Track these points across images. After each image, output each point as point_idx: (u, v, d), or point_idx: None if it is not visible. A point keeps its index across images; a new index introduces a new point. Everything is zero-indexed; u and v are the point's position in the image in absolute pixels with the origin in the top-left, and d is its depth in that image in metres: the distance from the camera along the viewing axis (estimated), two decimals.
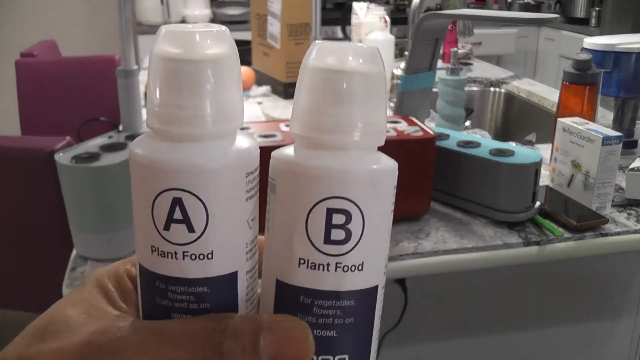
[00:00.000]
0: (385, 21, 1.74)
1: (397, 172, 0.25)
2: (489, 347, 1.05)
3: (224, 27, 0.24)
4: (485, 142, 0.91)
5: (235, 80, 0.24)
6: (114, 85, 0.83)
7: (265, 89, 1.63)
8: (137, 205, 0.24)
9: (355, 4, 1.81)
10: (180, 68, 0.23)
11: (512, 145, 0.92)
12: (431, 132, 0.84)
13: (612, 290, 1.06)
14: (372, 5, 1.79)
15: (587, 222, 0.86)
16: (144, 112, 0.87)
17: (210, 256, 0.24)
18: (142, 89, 1.10)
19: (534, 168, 0.84)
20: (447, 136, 0.94)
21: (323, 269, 0.24)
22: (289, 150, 0.25)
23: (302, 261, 0.24)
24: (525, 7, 3.71)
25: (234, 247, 0.24)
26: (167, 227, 0.23)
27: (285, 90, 1.58)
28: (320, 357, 0.24)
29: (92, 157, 0.74)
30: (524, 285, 1.02)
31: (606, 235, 0.86)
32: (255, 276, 0.26)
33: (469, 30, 1.52)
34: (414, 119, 0.91)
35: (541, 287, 1.03)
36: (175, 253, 0.24)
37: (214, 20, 3.28)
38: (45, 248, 1.33)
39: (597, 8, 3.35)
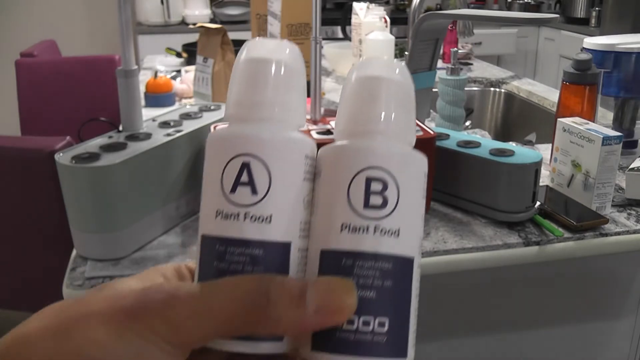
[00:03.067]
0: (385, 21, 1.74)
1: (426, 163, 0.28)
2: (488, 347, 1.05)
3: (297, 47, 0.30)
4: (485, 142, 0.91)
5: (300, 85, 0.29)
6: (114, 85, 0.82)
7: None
8: (208, 175, 0.28)
9: (355, 4, 1.81)
10: (258, 66, 0.28)
11: (512, 145, 0.92)
12: (431, 132, 0.84)
13: (612, 290, 1.06)
14: (372, 5, 1.79)
15: (587, 222, 0.86)
16: (144, 112, 0.87)
17: (268, 220, 0.26)
18: (142, 89, 1.10)
19: (534, 168, 0.84)
20: (447, 136, 0.94)
21: (363, 232, 0.26)
22: (332, 144, 0.29)
23: (344, 226, 0.26)
24: (525, 7, 3.71)
25: (290, 218, 0.27)
26: (233, 190, 0.27)
27: None
28: (361, 318, 0.26)
29: (92, 157, 0.74)
30: (524, 285, 1.02)
31: (606, 235, 0.86)
32: (305, 259, 0.28)
33: (469, 30, 1.52)
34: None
35: (541, 287, 1.03)
36: (238, 214, 0.26)
37: (213, 20, 3.28)
38: (45, 248, 1.33)
39: (597, 8, 3.35)
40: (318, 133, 0.83)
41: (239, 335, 0.25)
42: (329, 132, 0.83)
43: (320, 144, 0.29)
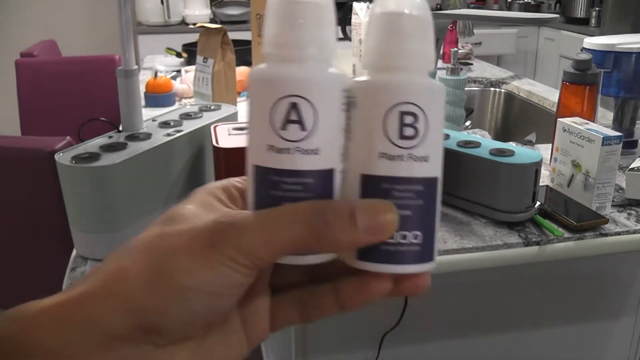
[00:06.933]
0: None
1: (444, 91, 0.32)
2: (488, 347, 1.05)
3: None
4: (485, 142, 0.91)
5: (332, 22, 0.32)
6: (114, 85, 0.82)
7: None
8: (255, 114, 0.31)
9: (355, 4, 1.81)
10: (295, 7, 0.30)
11: (512, 145, 0.92)
12: None
13: (612, 290, 1.06)
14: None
15: (587, 222, 0.86)
16: (144, 112, 0.87)
17: (316, 152, 0.30)
18: (142, 89, 1.10)
19: (534, 168, 0.84)
20: (447, 136, 0.94)
21: (398, 160, 0.30)
22: (365, 77, 0.32)
23: (381, 154, 0.30)
24: (525, 7, 3.71)
25: (333, 147, 0.31)
26: (283, 127, 0.30)
27: None
28: (399, 232, 0.30)
29: (92, 157, 0.74)
30: (524, 285, 1.02)
31: (606, 235, 0.86)
32: (343, 179, 0.31)
33: (469, 30, 1.52)
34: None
35: (541, 287, 1.03)
36: (289, 149, 0.30)
37: (213, 20, 3.28)
38: (45, 248, 1.33)
39: (597, 8, 3.35)
40: None
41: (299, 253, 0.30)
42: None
43: None
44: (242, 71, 1.61)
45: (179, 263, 0.27)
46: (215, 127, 0.85)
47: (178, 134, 0.83)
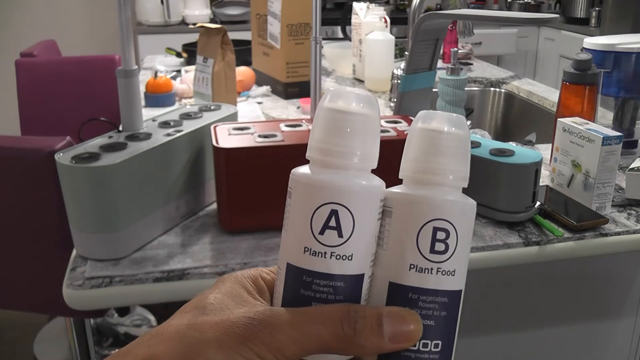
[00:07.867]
0: (385, 21, 1.74)
1: (475, 208, 0.33)
2: (488, 347, 1.05)
3: (373, 96, 0.33)
4: (485, 142, 0.91)
5: (376, 134, 0.33)
6: (114, 85, 0.82)
7: (265, 89, 1.63)
8: (296, 215, 0.32)
9: (355, 4, 1.81)
10: (344, 117, 0.32)
11: (512, 145, 0.92)
12: None
13: (612, 290, 1.06)
14: (372, 5, 1.79)
15: (587, 222, 0.86)
16: (144, 112, 0.87)
17: (350, 258, 0.31)
18: (142, 89, 1.10)
19: (534, 168, 0.84)
20: None
21: (427, 273, 0.31)
22: (399, 188, 0.33)
23: (412, 266, 0.31)
24: (525, 7, 3.71)
25: (365, 254, 0.32)
26: (322, 232, 0.31)
27: (285, 91, 1.58)
28: (422, 341, 0.31)
29: (92, 157, 0.74)
30: (524, 285, 1.02)
31: (606, 235, 0.86)
32: (370, 281, 0.33)
33: (469, 30, 1.52)
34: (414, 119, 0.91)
35: (541, 287, 1.03)
36: (325, 253, 0.31)
37: (213, 20, 3.28)
38: (45, 248, 1.33)
39: (597, 8, 3.35)
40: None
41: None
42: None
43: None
44: (242, 71, 1.61)
45: (210, 355, 0.28)
46: (215, 127, 0.85)
47: (178, 134, 0.83)
